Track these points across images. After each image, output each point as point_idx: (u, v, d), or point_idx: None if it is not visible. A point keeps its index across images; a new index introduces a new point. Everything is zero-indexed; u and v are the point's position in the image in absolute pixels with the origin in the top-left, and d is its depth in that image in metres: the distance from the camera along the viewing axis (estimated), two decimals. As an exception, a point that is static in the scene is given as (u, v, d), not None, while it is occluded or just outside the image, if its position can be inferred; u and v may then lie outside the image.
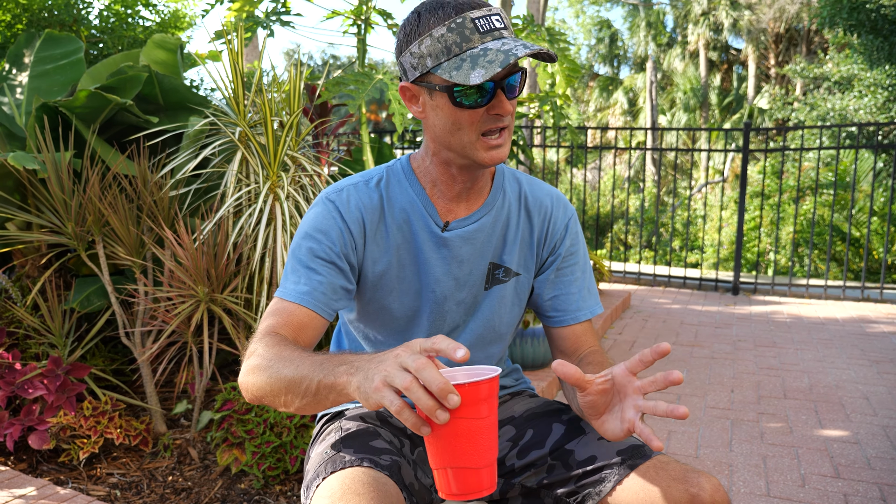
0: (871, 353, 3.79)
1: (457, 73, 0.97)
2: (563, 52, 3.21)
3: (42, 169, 2.25)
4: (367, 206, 1.13)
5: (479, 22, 0.98)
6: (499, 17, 1.01)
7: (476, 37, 0.98)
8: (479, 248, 1.17)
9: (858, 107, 8.81)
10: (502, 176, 1.21)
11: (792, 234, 6.26)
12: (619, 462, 1.05)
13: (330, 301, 1.08)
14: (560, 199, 1.24)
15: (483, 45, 0.98)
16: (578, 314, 1.21)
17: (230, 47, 2.40)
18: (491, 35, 0.99)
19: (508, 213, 1.20)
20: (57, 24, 3.52)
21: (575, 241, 1.23)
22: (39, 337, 2.41)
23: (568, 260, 1.22)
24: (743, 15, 20.44)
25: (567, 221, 1.23)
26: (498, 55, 0.96)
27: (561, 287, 1.22)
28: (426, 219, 1.14)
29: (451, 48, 0.98)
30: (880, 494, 2.13)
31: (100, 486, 2.05)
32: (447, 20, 0.98)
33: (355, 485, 0.94)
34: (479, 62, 0.96)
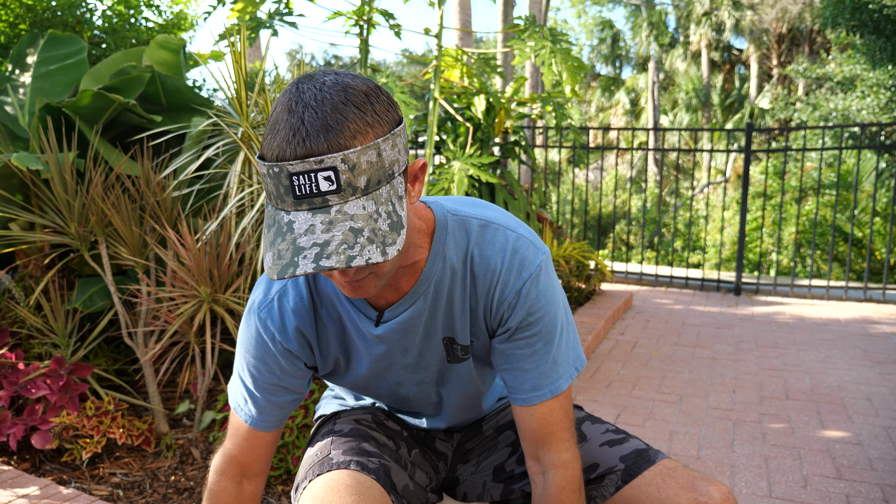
0: (873, 353, 3.79)
1: (265, 234, 0.79)
2: (567, 51, 3.21)
3: (45, 169, 2.26)
4: (300, 311, 0.99)
5: (297, 181, 0.74)
6: (330, 176, 0.74)
7: (290, 199, 0.75)
8: (423, 332, 1.02)
9: (861, 107, 8.79)
10: (444, 233, 0.97)
11: (794, 235, 6.25)
12: (622, 469, 1.03)
13: (283, 414, 1.05)
14: (515, 259, 0.96)
15: (292, 217, 0.76)
16: (531, 396, 0.99)
17: (233, 49, 2.41)
18: (308, 203, 0.75)
19: (452, 281, 0.98)
20: (60, 24, 3.53)
21: (533, 309, 0.96)
22: (42, 337, 2.41)
23: (522, 333, 0.98)
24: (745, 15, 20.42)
25: (521, 287, 0.96)
26: (287, 250, 0.74)
27: (513, 361, 1.00)
28: (354, 314, 1.00)
29: (270, 194, 0.78)
30: (882, 495, 2.12)
31: (102, 486, 2.06)
32: (268, 161, 0.76)
33: (338, 487, 0.94)
34: (276, 242, 0.76)
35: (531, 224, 3.84)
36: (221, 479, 1.06)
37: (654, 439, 2.57)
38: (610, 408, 2.88)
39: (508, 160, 4.84)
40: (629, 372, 3.41)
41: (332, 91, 0.77)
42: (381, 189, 0.78)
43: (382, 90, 0.82)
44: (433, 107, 3.27)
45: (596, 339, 3.85)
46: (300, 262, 0.73)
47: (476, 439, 1.23)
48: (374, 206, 0.77)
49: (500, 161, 4.10)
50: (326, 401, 1.30)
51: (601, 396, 3.01)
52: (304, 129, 0.74)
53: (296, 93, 0.77)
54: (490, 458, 1.19)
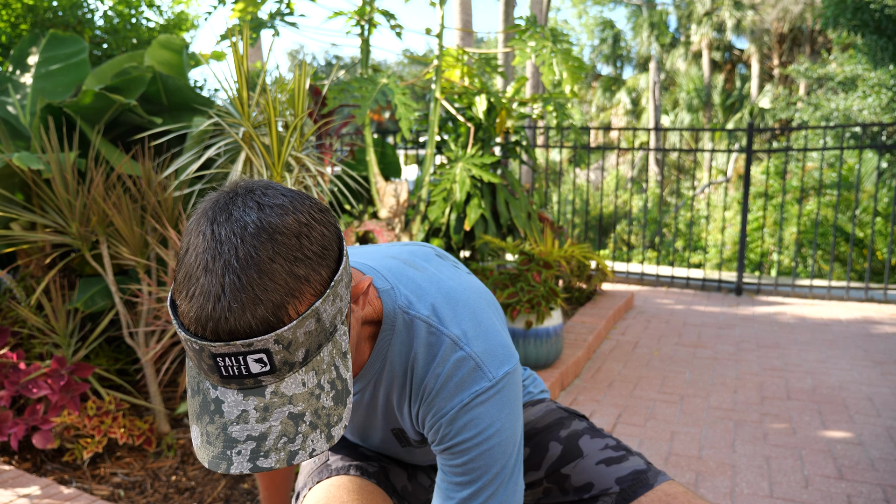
0: (874, 354, 3.78)
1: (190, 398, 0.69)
2: (567, 51, 3.21)
3: (46, 169, 2.26)
4: None
5: (223, 362, 0.63)
6: (262, 358, 0.63)
7: (215, 378, 0.65)
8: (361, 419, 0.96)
9: (862, 107, 8.79)
10: (390, 334, 0.87)
11: (795, 235, 6.24)
12: (617, 492, 1.00)
13: None
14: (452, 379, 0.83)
15: (220, 396, 0.65)
16: None
17: (234, 49, 2.41)
18: (237, 383, 0.64)
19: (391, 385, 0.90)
20: (61, 24, 3.53)
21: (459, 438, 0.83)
22: (43, 337, 2.41)
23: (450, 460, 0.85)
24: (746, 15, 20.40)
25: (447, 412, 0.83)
26: (217, 442, 0.64)
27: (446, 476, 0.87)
28: None
29: (191, 369, 0.68)
30: (884, 496, 2.12)
31: (103, 486, 2.06)
32: (184, 330, 0.64)
33: (340, 492, 0.94)
34: (202, 419, 0.66)
35: (532, 224, 3.83)
36: None
37: (656, 440, 2.57)
38: (611, 408, 2.88)
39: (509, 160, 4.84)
40: (630, 372, 3.41)
41: (256, 242, 0.62)
42: (323, 353, 0.67)
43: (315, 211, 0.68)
44: (434, 107, 3.27)
45: (597, 339, 3.85)
46: (234, 458, 0.63)
47: None
48: (315, 377, 0.66)
49: (501, 161, 4.10)
50: None
51: (602, 396, 3.01)
52: (224, 303, 0.61)
53: (212, 239, 0.63)
54: None
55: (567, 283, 4.62)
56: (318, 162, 2.76)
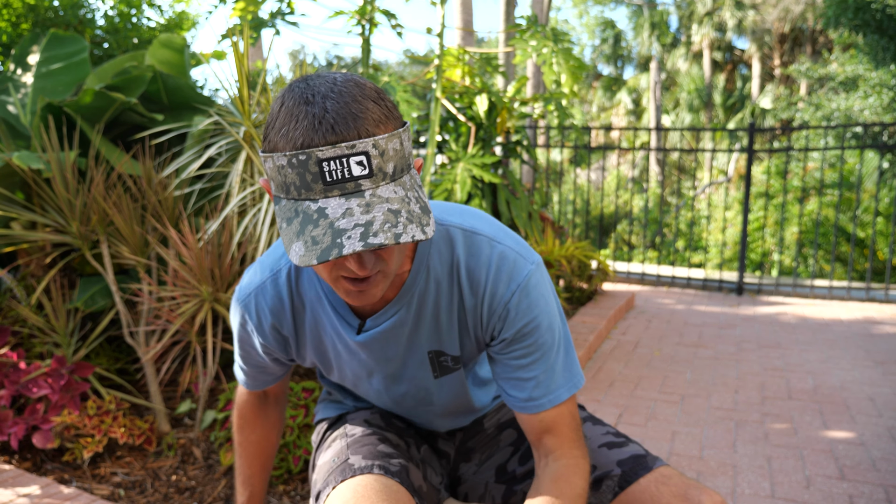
0: (876, 354, 3.78)
1: (286, 229, 0.76)
2: (568, 50, 3.20)
3: (47, 168, 2.26)
4: (277, 311, 1.01)
5: (328, 166, 0.72)
6: (362, 161, 0.73)
7: (318, 187, 0.73)
8: (406, 342, 1.00)
9: (863, 107, 8.78)
10: (428, 244, 0.95)
11: (796, 235, 6.24)
12: (619, 475, 1.02)
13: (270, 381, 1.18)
14: (501, 270, 0.94)
15: (322, 204, 0.73)
16: (529, 405, 0.97)
17: (236, 49, 2.41)
18: (340, 188, 0.73)
19: (437, 294, 0.96)
20: (62, 24, 3.53)
21: (527, 320, 0.94)
22: (44, 336, 2.41)
23: (517, 344, 0.96)
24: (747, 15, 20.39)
25: (509, 299, 0.93)
26: (326, 236, 0.72)
27: (510, 371, 0.98)
28: (336, 320, 0.99)
29: (288, 187, 0.75)
30: (886, 496, 2.12)
31: (103, 485, 2.06)
32: (291, 148, 0.73)
33: (368, 492, 0.93)
34: (305, 230, 0.73)
35: (533, 224, 3.83)
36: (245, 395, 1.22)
37: (657, 439, 2.56)
38: (612, 408, 2.88)
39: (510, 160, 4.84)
40: (631, 372, 3.41)
41: (345, 85, 0.76)
42: (405, 177, 0.78)
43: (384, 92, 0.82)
44: (435, 106, 3.27)
45: (598, 338, 3.84)
46: (345, 242, 0.71)
47: (478, 437, 1.23)
48: (403, 191, 0.76)
49: (502, 161, 4.10)
50: (324, 404, 1.29)
51: (603, 396, 3.01)
52: (329, 117, 0.73)
53: (307, 87, 0.75)
54: (492, 457, 1.18)
55: (568, 282, 4.62)
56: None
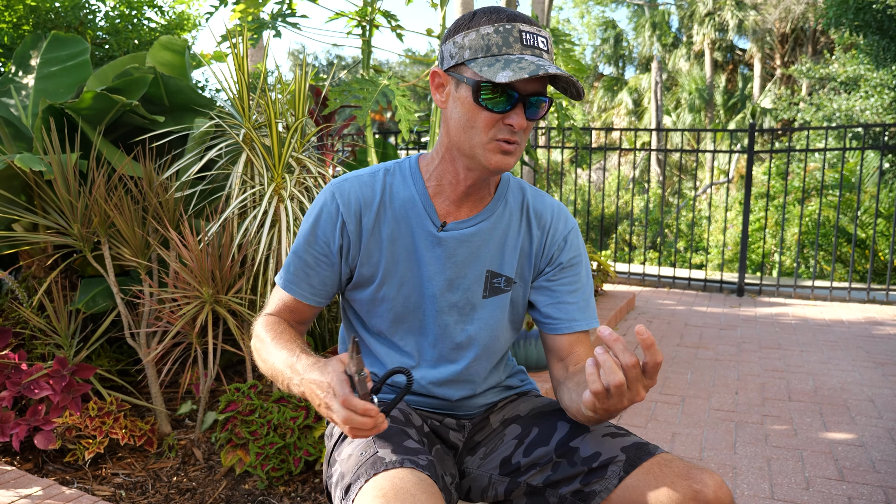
0: (876, 355, 3.78)
1: (487, 70, 1.00)
2: (568, 52, 3.21)
3: (48, 170, 2.26)
4: (366, 199, 1.16)
5: (526, 35, 1.02)
6: (545, 40, 1.04)
7: (518, 46, 1.01)
8: (474, 252, 1.18)
9: (864, 107, 8.77)
10: (507, 185, 1.22)
11: (797, 236, 6.24)
12: (624, 459, 1.06)
13: (318, 292, 1.19)
14: (562, 212, 1.25)
15: (521, 56, 1.01)
16: (573, 324, 1.20)
17: (235, 51, 2.41)
18: (532, 50, 1.02)
19: (509, 222, 1.20)
20: (63, 25, 3.54)
21: (576, 253, 1.23)
22: (45, 337, 2.42)
23: (568, 271, 1.22)
24: (748, 15, 20.37)
25: (567, 233, 1.23)
26: (530, 65, 0.98)
27: (558, 296, 1.21)
28: (423, 217, 1.16)
29: (490, 47, 1.02)
30: (885, 498, 2.12)
31: (105, 486, 2.06)
32: (497, 23, 1.02)
33: (406, 485, 0.94)
34: (511, 65, 0.99)
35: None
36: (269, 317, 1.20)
37: (657, 440, 2.57)
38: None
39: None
40: (631, 373, 3.41)
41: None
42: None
43: None
44: (435, 107, 3.27)
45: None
46: (548, 68, 0.97)
47: (484, 431, 1.26)
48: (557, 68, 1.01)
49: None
50: None
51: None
52: (523, 14, 1.04)
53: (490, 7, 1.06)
54: (496, 450, 1.21)
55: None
56: (320, 163, 2.76)
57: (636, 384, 0.90)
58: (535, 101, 1.04)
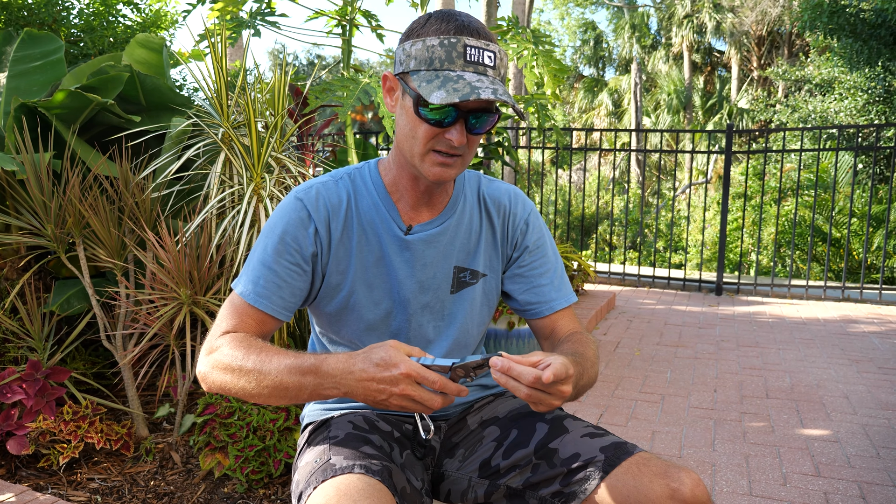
0: (851, 352, 3.84)
1: (425, 86, 0.99)
2: (549, 53, 3.22)
3: (21, 170, 2.22)
4: (334, 205, 1.14)
5: (470, 51, 1.00)
6: (492, 56, 1.02)
7: (460, 62, 1.00)
8: (442, 252, 1.18)
9: (839, 109, 8.92)
10: (462, 180, 1.24)
11: (774, 235, 6.33)
12: (602, 459, 1.06)
13: (288, 304, 1.11)
14: (518, 196, 1.27)
15: (461, 73, 1.00)
16: (553, 304, 1.23)
17: (213, 49, 2.38)
18: (474, 67, 1.01)
19: (471, 216, 1.22)
20: (36, 23, 3.47)
21: (539, 234, 1.26)
22: (18, 340, 2.37)
23: (535, 254, 1.24)
24: (726, 18, 20.64)
25: (527, 217, 1.25)
26: (465, 87, 0.97)
27: (532, 280, 1.24)
28: (389, 222, 1.16)
29: (433, 60, 1.00)
30: (860, 492, 2.15)
31: (80, 492, 2.03)
32: (444, 34, 1.00)
33: (350, 491, 0.94)
34: (447, 85, 0.98)
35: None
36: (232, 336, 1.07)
37: (637, 439, 2.58)
38: (593, 408, 2.89)
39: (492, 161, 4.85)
40: (612, 372, 3.43)
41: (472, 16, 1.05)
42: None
43: None
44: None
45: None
46: (481, 92, 0.96)
47: (462, 433, 1.26)
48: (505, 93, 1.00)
49: (483, 162, 4.11)
50: (310, 407, 1.30)
51: (584, 396, 3.02)
52: (473, 24, 1.02)
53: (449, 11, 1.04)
54: (476, 453, 1.20)
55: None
56: (299, 163, 2.74)
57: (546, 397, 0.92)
58: (477, 116, 1.03)
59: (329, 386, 0.94)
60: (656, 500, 0.99)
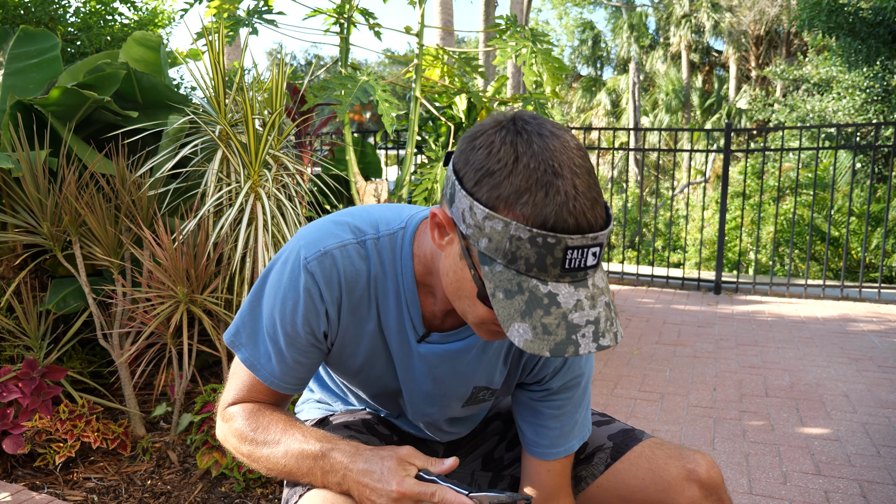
0: (850, 351, 3.83)
1: (502, 299, 0.73)
2: (548, 51, 3.21)
3: (17, 168, 2.21)
4: (350, 282, 0.91)
5: (571, 255, 0.71)
6: (596, 252, 0.72)
7: (555, 272, 0.72)
8: (460, 371, 0.99)
9: (837, 108, 8.92)
10: None
11: (772, 234, 6.33)
12: (611, 446, 1.08)
13: (304, 381, 0.98)
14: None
15: (553, 290, 0.72)
16: (548, 451, 1.02)
17: (211, 46, 2.37)
18: (571, 276, 0.72)
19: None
20: (33, 21, 3.46)
21: (577, 374, 1.00)
22: (14, 339, 2.36)
23: (559, 395, 1.01)
24: (724, 17, 20.65)
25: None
26: (558, 330, 0.71)
27: (540, 418, 1.02)
28: (405, 321, 0.95)
29: (517, 260, 0.72)
30: (860, 491, 2.14)
31: (76, 491, 2.01)
32: (538, 227, 0.70)
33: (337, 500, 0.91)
34: (534, 314, 0.72)
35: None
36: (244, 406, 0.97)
37: (636, 438, 2.58)
38: (592, 407, 2.88)
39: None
40: (611, 371, 3.42)
41: (578, 154, 0.73)
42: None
43: None
44: (414, 106, 3.26)
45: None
46: (580, 341, 0.71)
47: (467, 435, 1.24)
48: (602, 277, 0.77)
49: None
50: (308, 405, 1.26)
51: (583, 395, 3.02)
52: (581, 202, 0.70)
53: (544, 150, 0.71)
54: (479, 447, 1.20)
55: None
56: (297, 160, 2.73)
57: None
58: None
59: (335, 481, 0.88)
60: (672, 481, 1.01)
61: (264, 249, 2.21)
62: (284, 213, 2.38)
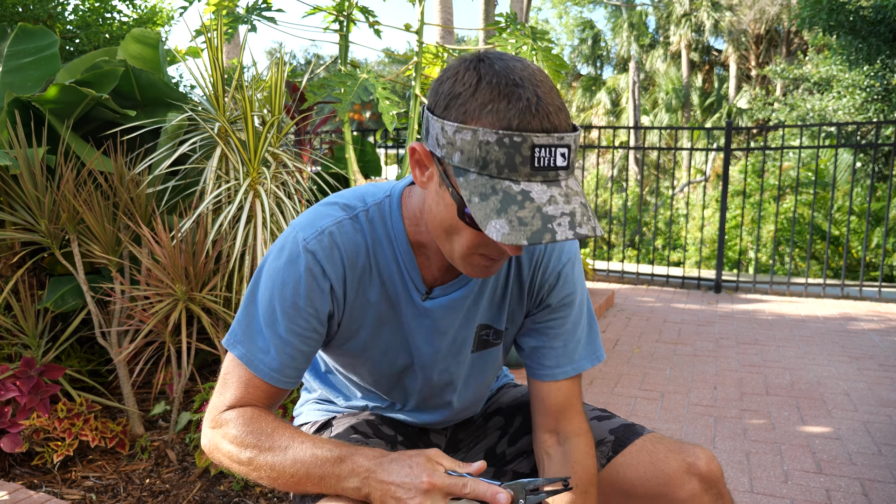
0: (851, 349, 3.83)
1: (477, 204, 0.76)
2: (548, 49, 3.20)
3: (14, 165, 2.20)
4: (351, 256, 0.94)
5: (539, 153, 0.74)
6: (564, 153, 0.76)
7: (525, 170, 0.75)
8: (464, 315, 1.03)
9: (837, 107, 8.91)
10: None
11: (773, 233, 6.32)
12: (612, 440, 1.08)
13: (301, 372, 0.96)
14: (556, 245, 1.04)
15: (526, 187, 0.75)
16: (556, 371, 1.05)
17: (210, 44, 2.36)
18: (543, 175, 0.76)
19: (499, 271, 1.03)
20: (31, 19, 3.44)
21: (569, 290, 1.05)
22: (12, 338, 2.35)
23: (557, 312, 1.05)
24: (724, 16, 20.65)
25: (561, 269, 1.04)
26: (535, 219, 0.74)
27: (543, 339, 1.06)
28: (407, 283, 0.98)
29: (488, 164, 0.76)
30: (862, 489, 2.14)
31: (74, 490, 2.00)
32: (503, 129, 0.74)
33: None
34: (508, 211, 0.75)
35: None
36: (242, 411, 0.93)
37: (637, 436, 2.57)
38: (592, 405, 2.88)
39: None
40: (611, 369, 3.41)
41: (540, 74, 0.78)
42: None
43: None
44: (414, 104, 3.25)
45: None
46: (556, 228, 0.74)
47: (467, 429, 1.24)
48: (576, 183, 0.80)
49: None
50: (309, 406, 1.25)
51: (584, 394, 3.01)
52: (544, 105, 0.75)
53: (505, 67, 0.77)
54: (480, 443, 1.20)
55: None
56: (297, 158, 2.72)
57: None
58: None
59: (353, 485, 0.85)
60: (672, 475, 1.02)
61: (263, 247, 2.20)
62: (283, 210, 2.37)
